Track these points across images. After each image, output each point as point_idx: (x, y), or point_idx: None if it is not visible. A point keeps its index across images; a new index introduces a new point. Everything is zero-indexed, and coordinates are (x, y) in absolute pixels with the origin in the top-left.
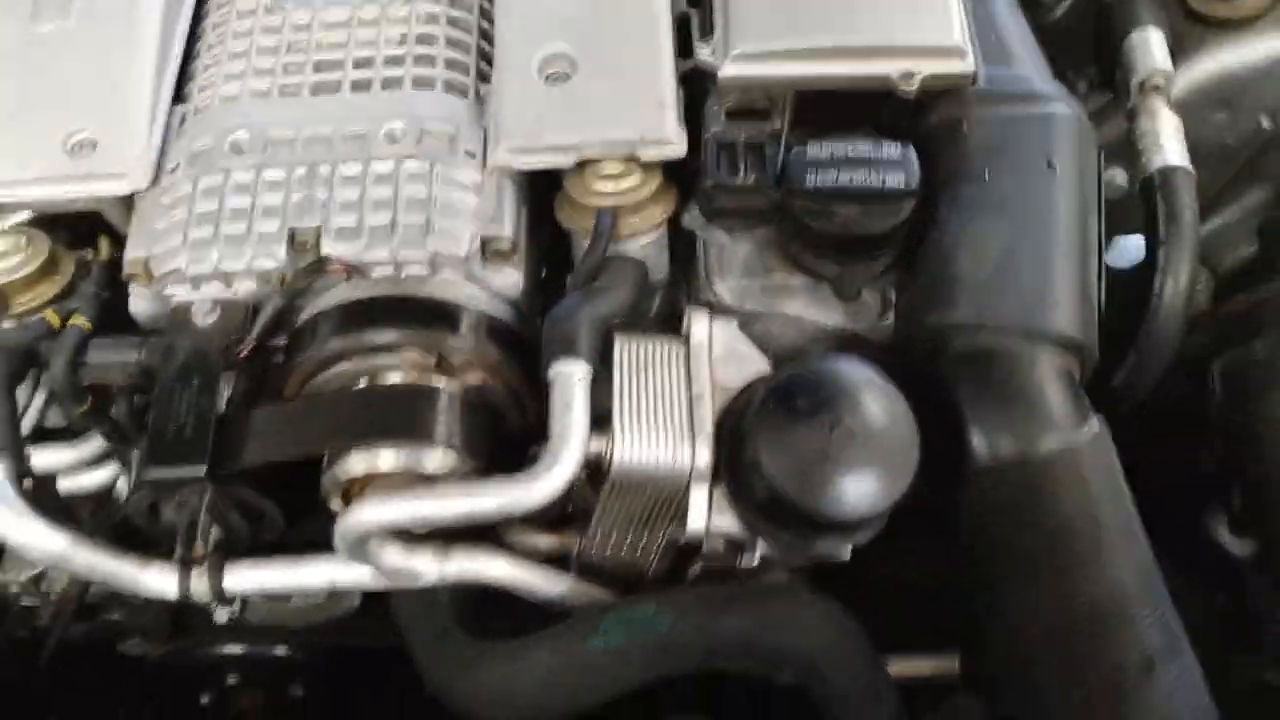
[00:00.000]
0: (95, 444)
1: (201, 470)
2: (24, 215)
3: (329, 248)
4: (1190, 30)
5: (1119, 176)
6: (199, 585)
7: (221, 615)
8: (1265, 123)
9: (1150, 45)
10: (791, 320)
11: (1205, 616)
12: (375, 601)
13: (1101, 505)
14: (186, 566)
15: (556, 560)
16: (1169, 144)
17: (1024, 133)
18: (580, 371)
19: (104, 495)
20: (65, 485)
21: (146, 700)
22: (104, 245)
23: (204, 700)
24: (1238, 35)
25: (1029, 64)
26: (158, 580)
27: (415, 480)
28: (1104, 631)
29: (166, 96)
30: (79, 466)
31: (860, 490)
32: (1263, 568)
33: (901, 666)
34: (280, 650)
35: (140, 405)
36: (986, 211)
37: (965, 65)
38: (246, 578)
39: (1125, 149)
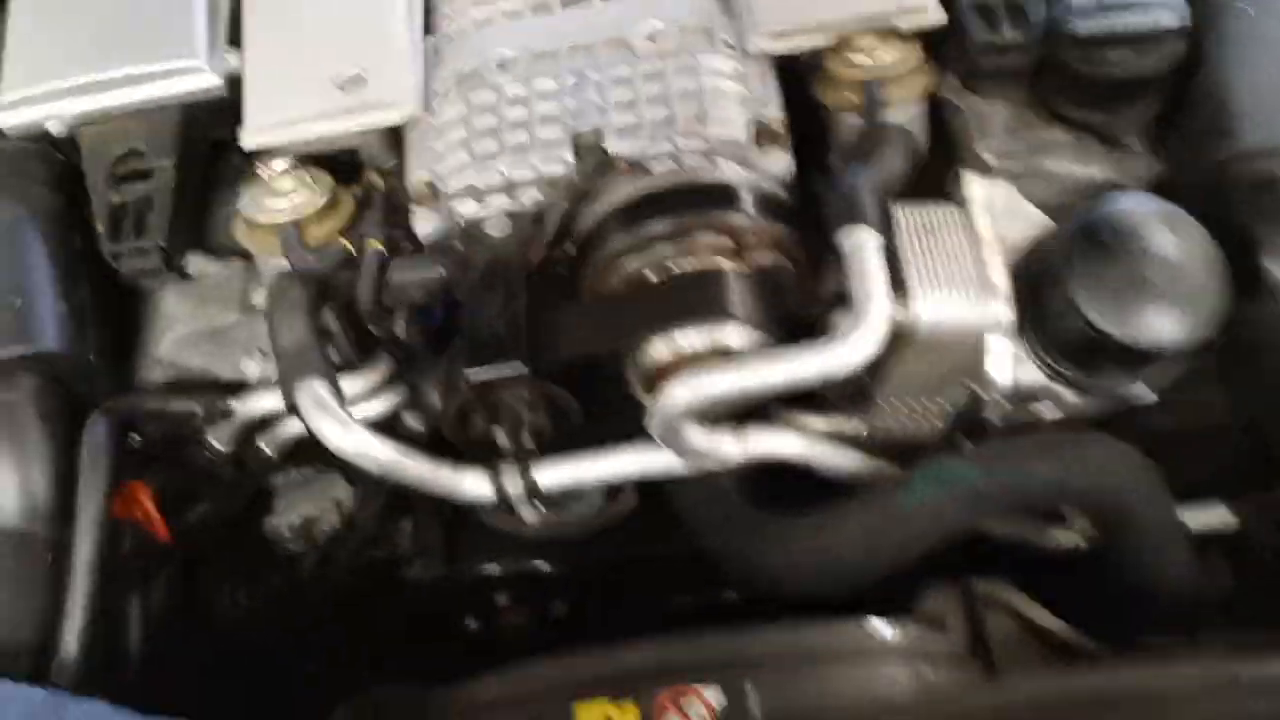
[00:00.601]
0: (381, 371)
1: (522, 367)
2: (285, 161)
3: (613, 146)
4: None
5: None
6: (511, 484)
7: (530, 515)
8: None
9: None
10: (1057, 176)
11: None
12: (643, 511)
13: None
14: (499, 468)
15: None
16: None
17: None
18: (872, 237)
19: (386, 423)
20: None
21: (415, 627)
22: (377, 177)
23: (471, 625)
24: None
25: None
26: (474, 483)
27: (722, 357)
28: None
29: (418, 28)
30: (367, 395)
31: (1174, 319)
32: None
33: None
34: (547, 567)
35: (421, 326)
36: (1255, 46)
37: None
38: (557, 473)
39: None
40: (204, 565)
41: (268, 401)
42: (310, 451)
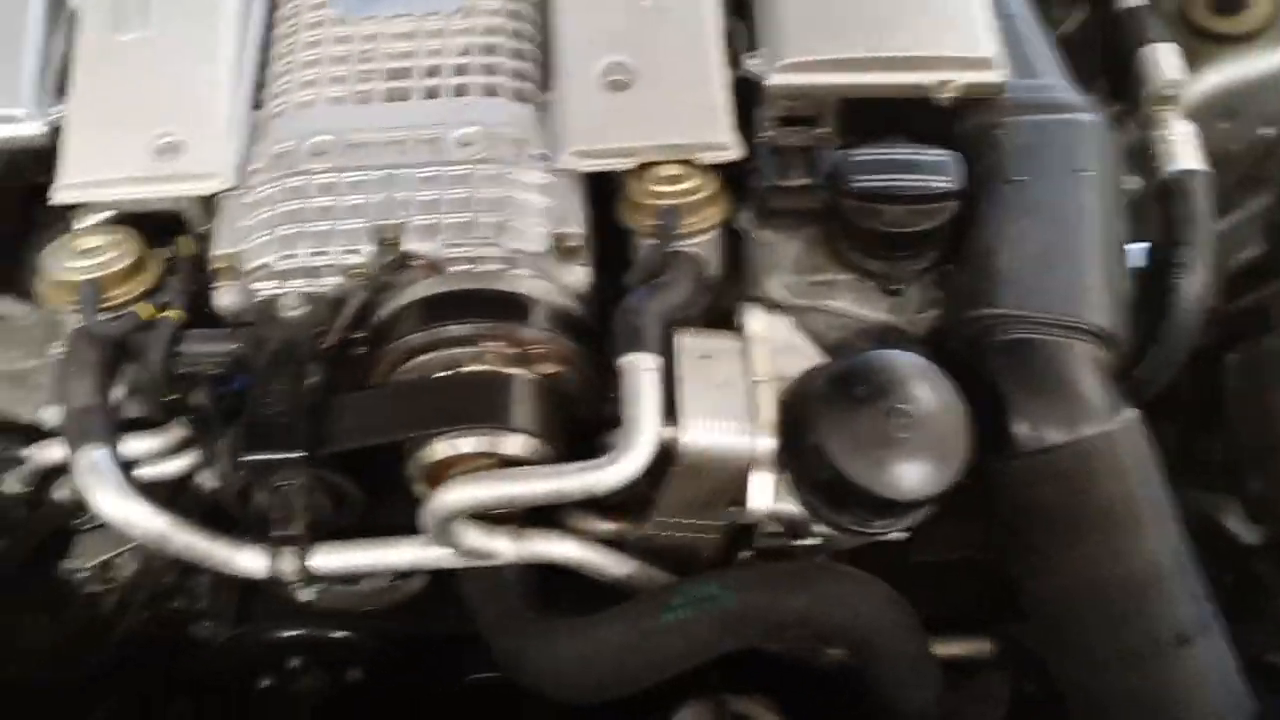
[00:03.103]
0: (175, 433)
1: (299, 454)
2: (103, 215)
3: (411, 244)
4: (1194, 45)
5: (1131, 182)
6: (287, 566)
7: (306, 595)
8: (1266, 131)
9: (1161, 58)
10: (837, 315)
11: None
12: (437, 588)
13: (1138, 487)
14: (276, 548)
15: (612, 545)
16: (1185, 150)
17: (1054, 139)
18: (650, 362)
19: (178, 483)
20: (144, 473)
21: (206, 686)
22: (185, 243)
23: (264, 683)
24: (1238, 49)
25: (1053, 74)
26: (249, 560)
27: (496, 464)
28: (1142, 602)
29: (245, 102)
30: (160, 455)
31: (919, 472)
32: (1273, 554)
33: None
34: (342, 634)
35: (218, 395)
36: (1023, 211)
37: (997, 75)
38: (333, 558)
39: (1137, 157)
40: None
41: (56, 452)
42: None
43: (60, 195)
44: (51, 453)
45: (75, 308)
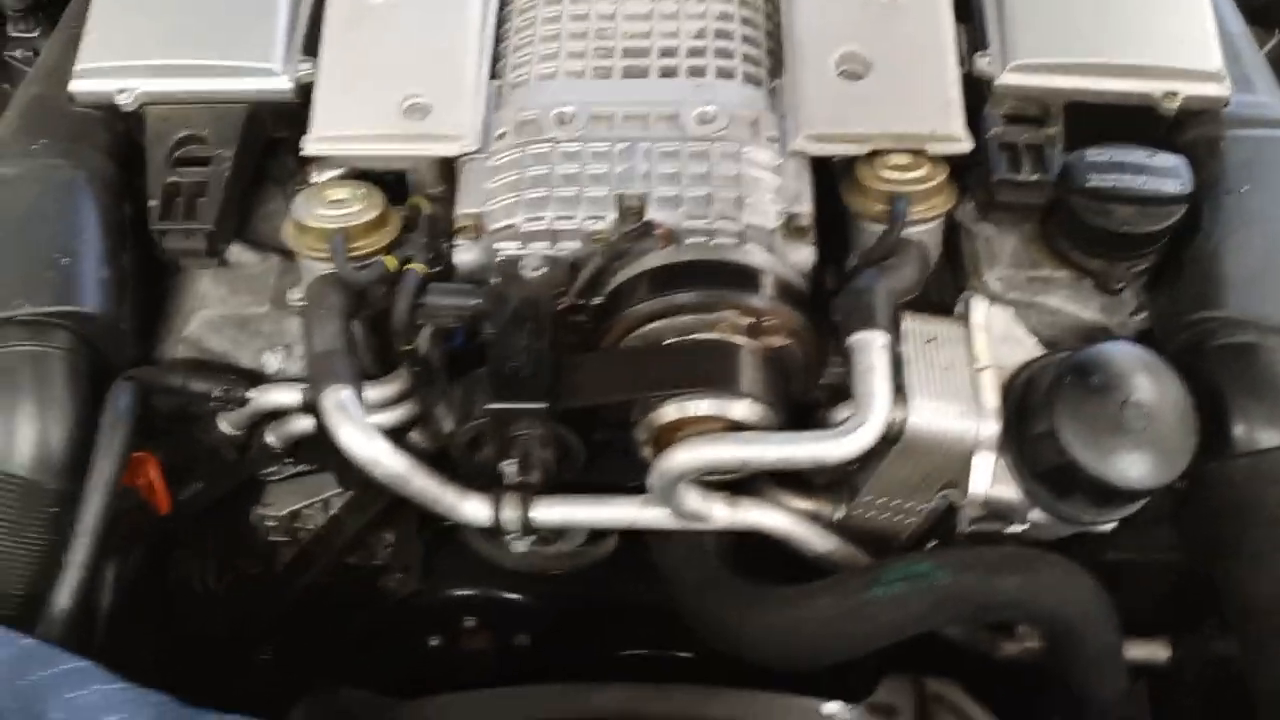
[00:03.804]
0: (396, 386)
1: (543, 405)
2: (337, 171)
3: (653, 213)
4: None
5: None
6: (510, 515)
7: (521, 546)
8: None
9: None
10: (1050, 311)
11: None
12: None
13: None
14: (501, 497)
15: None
16: None
17: (1275, 154)
18: (882, 339)
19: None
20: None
21: (378, 636)
22: (422, 202)
23: (433, 642)
24: None
25: (1270, 92)
26: (475, 508)
27: (723, 428)
28: None
29: (485, 70)
30: (379, 406)
31: (1149, 463)
32: None
33: None
34: (518, 596)
35: (442, 349)
36: (1244, 221)
37: (1222, 89)
38: (554, 511)
39: None
40: (180, 544)
41: (282, 396)
42: (310, 450)
43: (312, 146)
44: (273, 396)
45: (321, 255)
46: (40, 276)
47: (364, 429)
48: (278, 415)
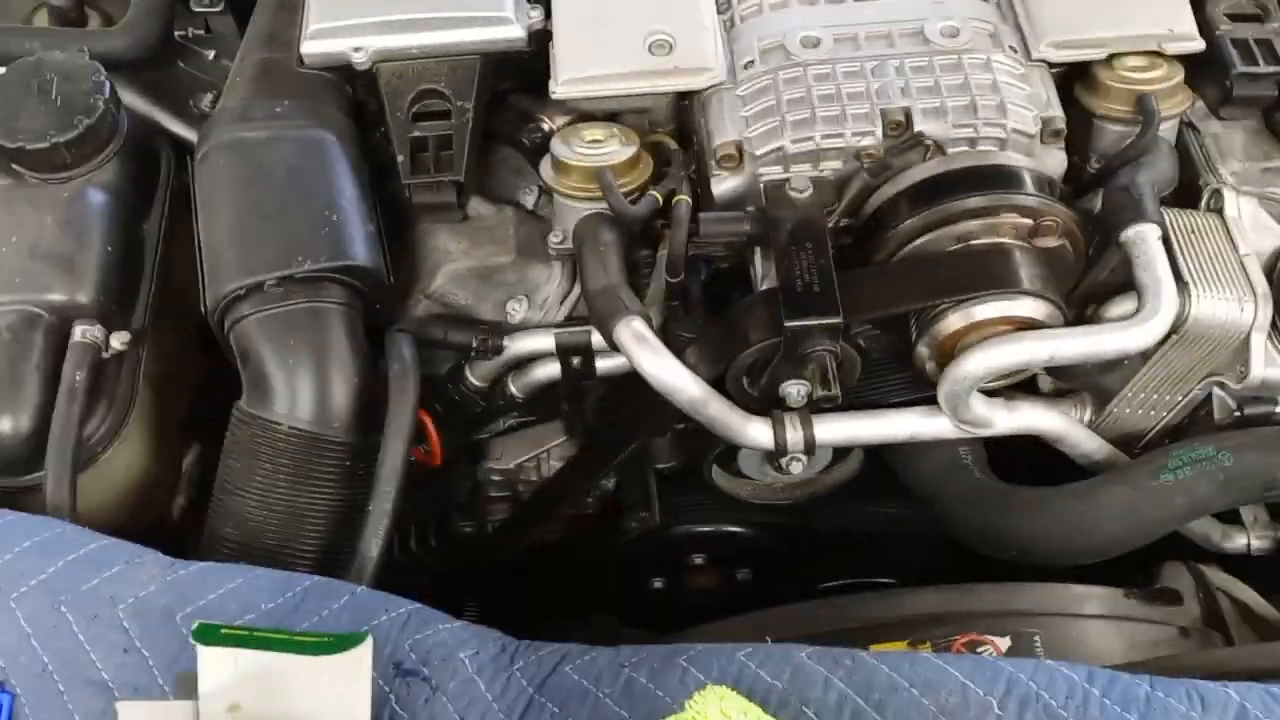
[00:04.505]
0: (660, 319)
1: (838, 319)
2: (570, 116)
3: (919, 125)
4: None
5: None
6: (793, 436)
7: (797, 468)
8: None
9: None
10: None
11: None
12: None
13: None
14: (782, 418)
15: None
16: None
17: None
18: (1157, 232)
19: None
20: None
21: (599, 588)
22: (666, 138)
23: (656, 584)
24: None
25: None
26: (760, 431)
27: (1013, 329)
28: None
29: (719, 3)
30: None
31: None
32: None
33: None
34: (750, 530)
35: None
36: None
37: None
38: (836, 429)
39: None
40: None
41: (535, 342)
42: (541, 400)
43: (561, 90)
44: (527, 343)
45: (586, 195)
46: (314, 233)
47: (665, 356)
48: (521, 365)
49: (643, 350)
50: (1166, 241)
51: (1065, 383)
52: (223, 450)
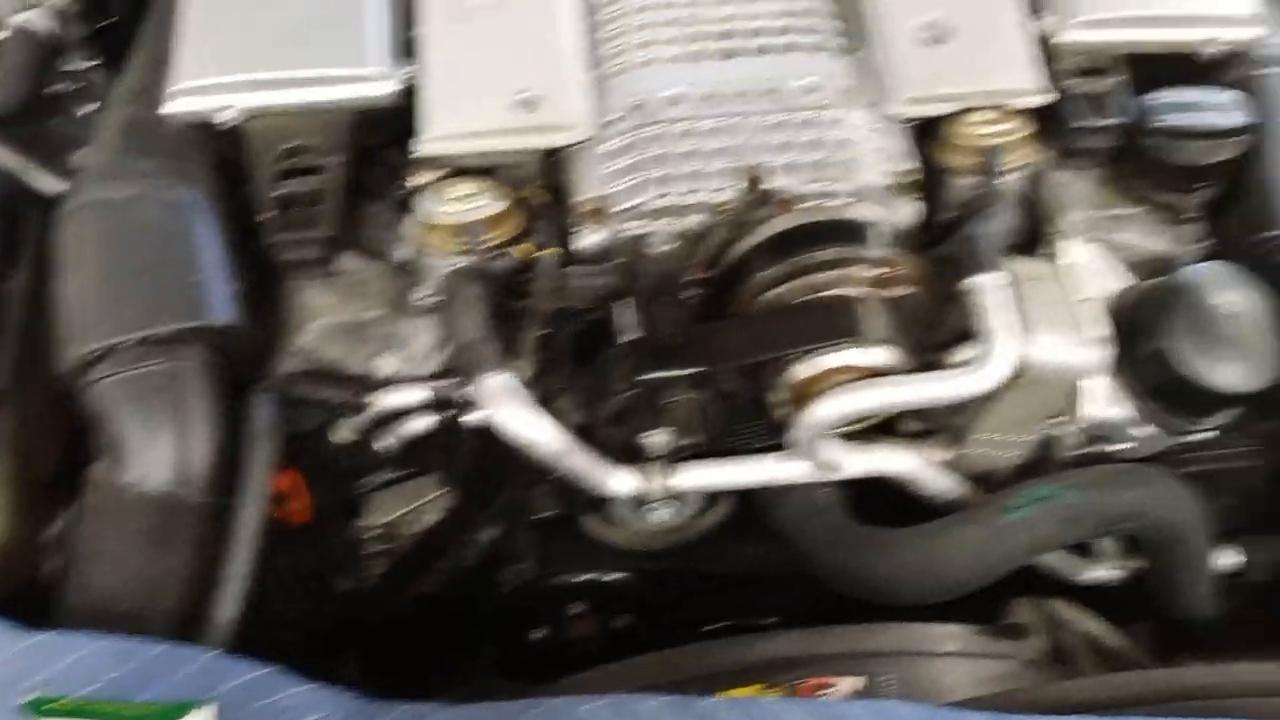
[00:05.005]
0: (528, 371)
1: (691, 370)
2: (441, 172)
3: (774, 181)
4: None
5: None
6: (656, 484)
7: (663, 514)
8: None
9: None
10: (1125, 247)
11: None
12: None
13: None
14: (647, 465)
15: None
16: None
17: None
18: (997, 280)
19: None
20: None
21: (476, 643)
22: (537, 192)
23: (536, 636)
24: None
25: None
26: (623, 480)
27: (859, 377)
28: None
29: (585, 61)
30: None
31: (1247, 368)
32: None
33: None
34: (629, 576)
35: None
36: None
37: (1257, 31)
38: (695, 475)
39: None
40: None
41: (399, 398)
42: (415, 455)
43: (426, 147)
44: (397, 398)
45: (451, 252)
46: (172, 294)
47: (526, 409)
48: (388, 420)
49: (500, 404)
50: (1009, 289)
51: (927, 423)
52: (74, 517)
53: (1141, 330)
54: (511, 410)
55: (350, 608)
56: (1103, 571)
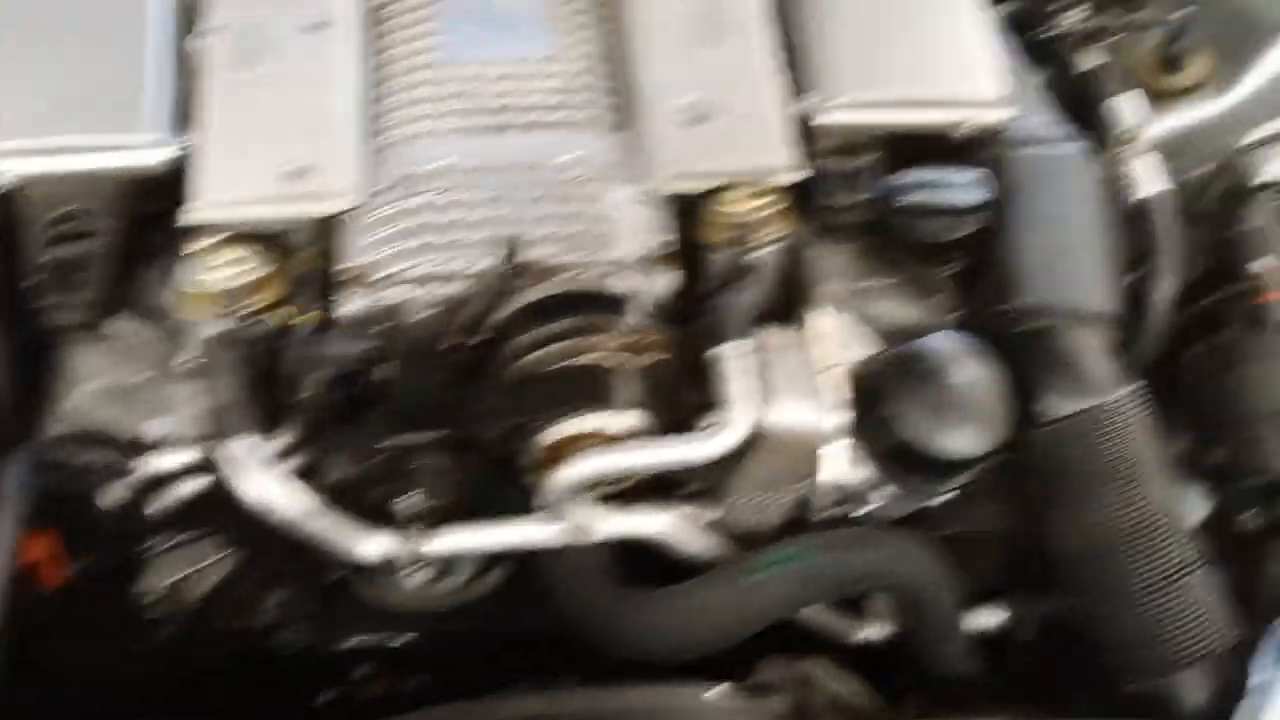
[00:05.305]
0: (289, 436)
1: (441, 434)
2: (218, 237)
3: (532, 251)
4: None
5: None
6: (407, 548)
7: (419, 578)
8: (1201, 171)
9: (1125, 106)
10: (878, 317)
11: None
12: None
13: (1141, 446)
14: (402, 530)
15: None
16: (1150, 175)
17: (1052, 166)
18: (738, 350)
19: None
20: None
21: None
22: (307, 258)
23: (324, 699)
24: (1180, 102)
25: (1046, 114)
26: (372, 545)
27: (605, 442)
28: (1151, 540)
29: (360, 131)
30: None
31: (970, 434)
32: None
33: None
34: (413, 639)
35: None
36: (1031, 224)
37: (1001, 114)
38: (450, 540)
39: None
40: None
41: (170, 460)
42: (194, 517)
43: (196, 214)
44: (162, 462)
45: (212, 317)
46: None
47: (260, 474)
48: (160, 484)
49: (238, 470)
50: (751, 357)
51: (690, 486)
52: None
53: (874, 397)
54: (243, 475)
55: (145, 669)
56: (874, 631)
